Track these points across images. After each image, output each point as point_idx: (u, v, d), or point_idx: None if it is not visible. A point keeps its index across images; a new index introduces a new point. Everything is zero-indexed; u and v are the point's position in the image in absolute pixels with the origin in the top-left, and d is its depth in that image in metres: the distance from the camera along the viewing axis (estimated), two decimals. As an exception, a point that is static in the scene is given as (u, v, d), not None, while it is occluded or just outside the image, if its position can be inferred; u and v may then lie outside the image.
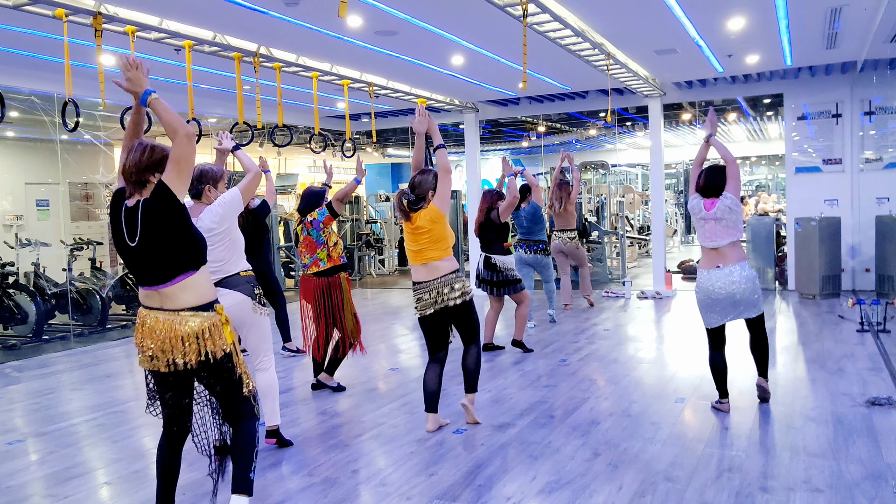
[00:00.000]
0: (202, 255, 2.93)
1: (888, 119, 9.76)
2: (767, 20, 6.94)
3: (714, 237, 4.62)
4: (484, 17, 6.16)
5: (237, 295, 3.95)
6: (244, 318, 4.01)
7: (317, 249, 5.36)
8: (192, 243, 2.88)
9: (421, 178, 4.44)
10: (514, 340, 6.90)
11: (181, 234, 2.83)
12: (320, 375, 5.65)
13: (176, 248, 2.83)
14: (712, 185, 4.66)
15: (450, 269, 4.41)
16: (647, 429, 4.48)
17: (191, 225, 2.87)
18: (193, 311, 2.87)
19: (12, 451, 4.54)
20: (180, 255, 2.84)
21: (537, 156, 21.01)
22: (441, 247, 4.38)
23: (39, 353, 7.85)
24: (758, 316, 4.77)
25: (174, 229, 2.81)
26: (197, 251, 2.90)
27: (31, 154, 11.69)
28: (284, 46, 7.23)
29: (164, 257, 2.83)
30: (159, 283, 2.85)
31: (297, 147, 15.66)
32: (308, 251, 5.40)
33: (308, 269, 5.43)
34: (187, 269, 2.86)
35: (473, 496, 3.55)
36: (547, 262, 7.71)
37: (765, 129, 18.00)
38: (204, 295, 2.91)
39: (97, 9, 5.40)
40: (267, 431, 4.30)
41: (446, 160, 4.37)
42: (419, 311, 4.44)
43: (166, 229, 2.80)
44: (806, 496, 3.42)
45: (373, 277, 14.59)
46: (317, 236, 5.35)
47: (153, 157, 2.85)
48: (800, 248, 9.67)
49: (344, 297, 5.42)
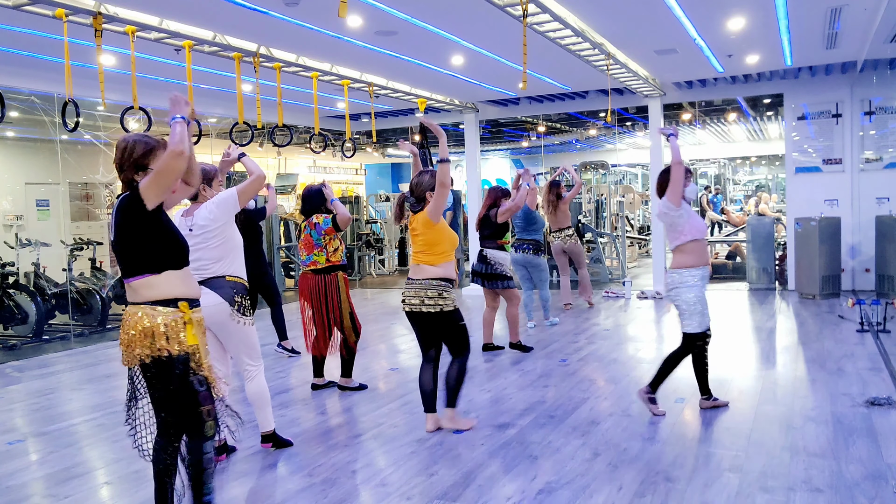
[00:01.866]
0: (167, 260, 2.87)
1: (888, 119, 9.75)
2: (767, 20, 6.94)
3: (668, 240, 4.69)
4: (484, 17, 6.16)
5: (215, 297, 3.87)
6: (222, 321, 3.94)
7: (314, 250, 5.40)
8: (154, 249, 2.85)
9: (419, 178, 4.44)
10: (510, 343, 6.91)
11: (142, 240, 2.84)
12: (339, 380, 5.67)
13: (136, 250, 2.85)
14: (658, 185, 4.70)
15: (437, 274, 4.35)
16: (647, 429, 4.48)
17: (156, 232, 2.83)
18: (153, 305, 2.85)
19: (12, 451, 4.54)
20: (140, 257, 2.85)
21: (537, 156, 21.02)
22: (435, 251, 4.36)
23: (39, 353, 7.85)
24: (683, 332, 4.66)
25: (135, 234, 2.83)
26: (159, 257, 2.86)
27: (31, 154, 11.70)
28: (284, 46, 7.23)
29: (127, 255, 2.87)
30: (126, 276, 2.91)
31: (297, 147, 15.66)
32: (306, 249, 5.44)
33: (306, 266, 5.47)
34: (146, 272, 2.86)
35: (473, 496, 3.55)
36: (538, 262, 7.63)
37: (765, 129, 18.00)
38: (166, 291, 2.86)
39: (97, 9, 5.40)
40: (262, 436, 4.29)
41: (446, 176, 4.28)
42: (404, 307, 4.49)
43: (128, 232, 2.84)
44: (806, 496, 3.42)
45: (373, 277, 14.58)
46: (317, 239, 5.38)
47: (131, 156, 2.87)
48: (800, 248, 9.67)
49: (340, 296, 5.42)
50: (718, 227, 16.50)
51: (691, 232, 4.55)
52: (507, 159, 23.32)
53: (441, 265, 4.37)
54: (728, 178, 21.66)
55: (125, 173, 2.88)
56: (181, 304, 2.87)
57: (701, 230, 4.61)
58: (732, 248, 12.70)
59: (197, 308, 2.99)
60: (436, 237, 4.35)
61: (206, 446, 2.96)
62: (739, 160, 23.57)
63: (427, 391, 4.54)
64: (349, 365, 5.63)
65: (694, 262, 4.57)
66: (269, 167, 17.38)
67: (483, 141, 15.94)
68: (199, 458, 2.96)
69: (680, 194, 4.49)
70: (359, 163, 21.56)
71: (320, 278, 5.39)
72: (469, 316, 9.25)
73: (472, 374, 6.06)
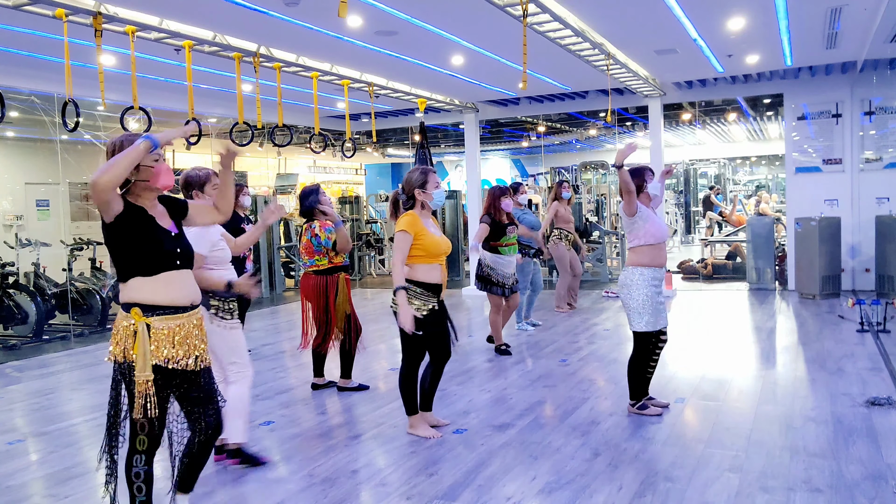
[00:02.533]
0: (133, 267, 2.84)
1: (888, 119, 9.75)
2: (767, 20, 6.94)
3: None
4: (484, 17, 6.16)
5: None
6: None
7: (315, 255, 5.41)
8: (120, 256, 2.85)
9: (408, 175, 4.43)
10: (488, 339, 7.02)
11: (109, 246, 2.87)
12: (339, 381, 5.68)
13: (111, 255, 2.90)
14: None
15: (408, 276, 4.25)
16: (647, 429, 4.48)
17: (119, 241, 2.81)
18: (122, 307, 2.86)
19: (12, 451, 4.54)
20: (114, 262, 2.89)
21: (537, 156, 21.03)
22: (411, 254, 4.26)
23: (39, 353, 7.85)
24: (633, 332, 4.67)
25: (105, 240, 2.88)
26: (125, 263, 2.85)
27: (31, 154, 11.70)
28: (284, 46, 7.23)
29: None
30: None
31: (297, 147, 15.66)
32: (307, 254, 5.46)
33: (309, 268, 5.48)
34: (121, 277, 2.88)
35: (473, 496, 3.55)
36: (520, 266, 7.41)
37: (765, 129, 18.01)
38: (128, 296, 2.85)
39: (97, 9, 5.40)
40: (228, 451, 4.04)
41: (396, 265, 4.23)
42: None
43: (104, 238, 2.89)
44: (806, 496, 3.42)
45: (373, 277, 14.59)
46: (317, 245, 5.37)
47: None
48: (800, 248, 9.67)
49: (341, 296, 5.43)
50: (719, 227, 16.52)
51: (646, 237, 4.58)
52: (507, 159, 23.33)
53: (412, 266, 4.27)
54: (728, 178, 21.67)
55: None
56: (132, 311, 2.81)
57: (658, 236, 4.59)
58: (732, 248, 12.70)
59: (170, 314, 2.86)
60: (400, 244, 4.24)
61: (134, 459, 2.89)
62: (739, 160, 23.58)
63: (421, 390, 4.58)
64: (349, 365, 5.64)
65: (646, 263, 4.59)
66: (270, 167, 17.39)
67: (483, 141, 15.94)
68: (128, 472, 2.91)
69: (632, 206, 4.55)
70: (359, 163, 21.57)
71: (322, 279, 5.40)
72: (469, 317, 9.25)
73: (473, 374, 6.07)
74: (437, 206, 4.42)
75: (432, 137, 16.86)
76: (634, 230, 4.61)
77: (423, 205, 4.36)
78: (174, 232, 2.96)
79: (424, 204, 4.36)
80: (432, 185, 4.36)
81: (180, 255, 2.93)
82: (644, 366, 4.72)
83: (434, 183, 4.37)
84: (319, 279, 5.40)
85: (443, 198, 4.46)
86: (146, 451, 2.88)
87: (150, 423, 2.84)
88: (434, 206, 4.40)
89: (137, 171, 2.84)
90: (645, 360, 4.70)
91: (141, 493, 2.90)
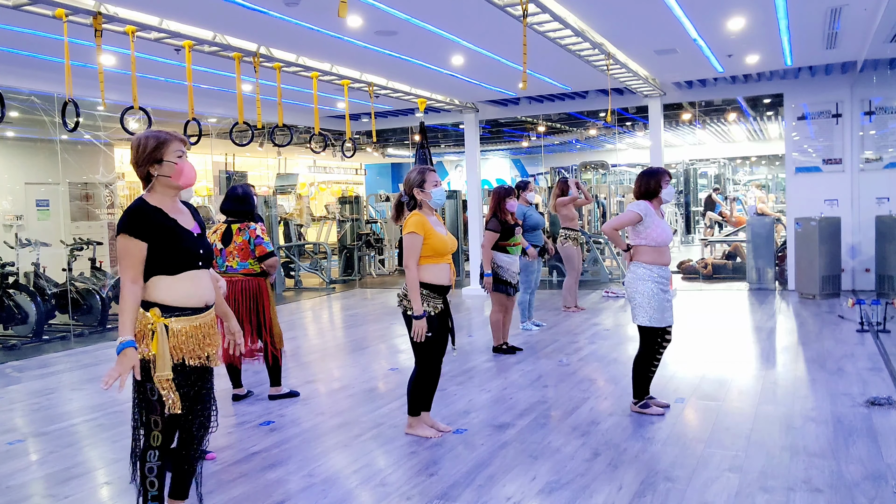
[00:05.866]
0: (154, 266, 2.87)
1: (888, 119, 9.75)
2: (767, 20, 6.94)
3: None
4: (484, 17, 6.16)
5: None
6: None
7: (249, 258, 5.19)
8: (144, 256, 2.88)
9: (407, 175, 4.43)
10: (493, 347, 6.92)
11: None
12: (270, 390, 5.50)
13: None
14: (635, 189, 4.87)
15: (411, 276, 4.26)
16: (647, 429, 4.48)
17: (122, 248, 2.84)
18: (141, 305, 2.87)
19: (12, 451, 4.54)
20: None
21: (537, 156, 21.04)
22: (422, 254, 4.28)
23: (39, 353, 7.85)
24: (638, 326, 4.75)
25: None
26: (147, 266, 2.87)
27: (31, 154, 11.69)
28: (284, 46, 7.23)
29: None
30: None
31: (297, 147, 15.67)
32: (240, 256, 5.20)
33: (236, 272, 5.21)
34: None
35: (473, 496, 3.55)
36: (524, 264, 7.44)
37: (765, 129, 18.01)
38: (150, 294, 2.87)
39: (97, 9, 5.40)
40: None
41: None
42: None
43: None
44: (806, 496, 3.42)
45: (373, 277, 14.58)
46: (252, 250, 5.18)
47: (145, 151, 2.89)
48: (800, 248, 9.67)
49: (264, 302, 5.25)
50: (719, 227, 16.53)
51: (647, 240, 4.63)
52: (507, 159, 23.33)
53: (421, 266, 4.27)
54: (728, 178, 21.67)
55: (141, 168, 2.92)
56: (151, 311, 2.86)
57: (661, 240, 4.62)
58: (732, 248, 12.71)
59: (188, 315, 2.92)
60: (406, 244, 4.27)
61: (149, 455, 2.93)
62: (739, 160, 23.58)
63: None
64: (277, 373, 5.47)
65: (648, 261, 4.63)
66: (270, 167, 17.40)
67: (483, 141, 15.96)
68: (142, 466, 2.94)
69: (621, 228, 4.80)
70: (359, 163, 21.58)
71: (246, 283, 5.18)
72: (469, 317, 9.25)
73: (473, 374, 6.07)
74: (437, 205, 4.39)
75: (432, 137, 16.86)
76: (637, 232, 4.66)
77: (424, 204, 4.37)
78: (197, 232, 3.02)
79: (425, 203, 4.36)
80: (430, 183, 4.34)
81: (202, 256, 3.00)
82: (649, 364, 4.73)
83: (432, 181, 4.35)
84: (242, 284, 5.17)
85: (443, 196, 4.43)
86: (160, 446, 2.94)
87: (164, 420, 2.92)
88: (434, 206, 4.38)
89: (160, 167, 2.89)
90: (650, 358, 4.72)
91: (153, 488, 2.95)
